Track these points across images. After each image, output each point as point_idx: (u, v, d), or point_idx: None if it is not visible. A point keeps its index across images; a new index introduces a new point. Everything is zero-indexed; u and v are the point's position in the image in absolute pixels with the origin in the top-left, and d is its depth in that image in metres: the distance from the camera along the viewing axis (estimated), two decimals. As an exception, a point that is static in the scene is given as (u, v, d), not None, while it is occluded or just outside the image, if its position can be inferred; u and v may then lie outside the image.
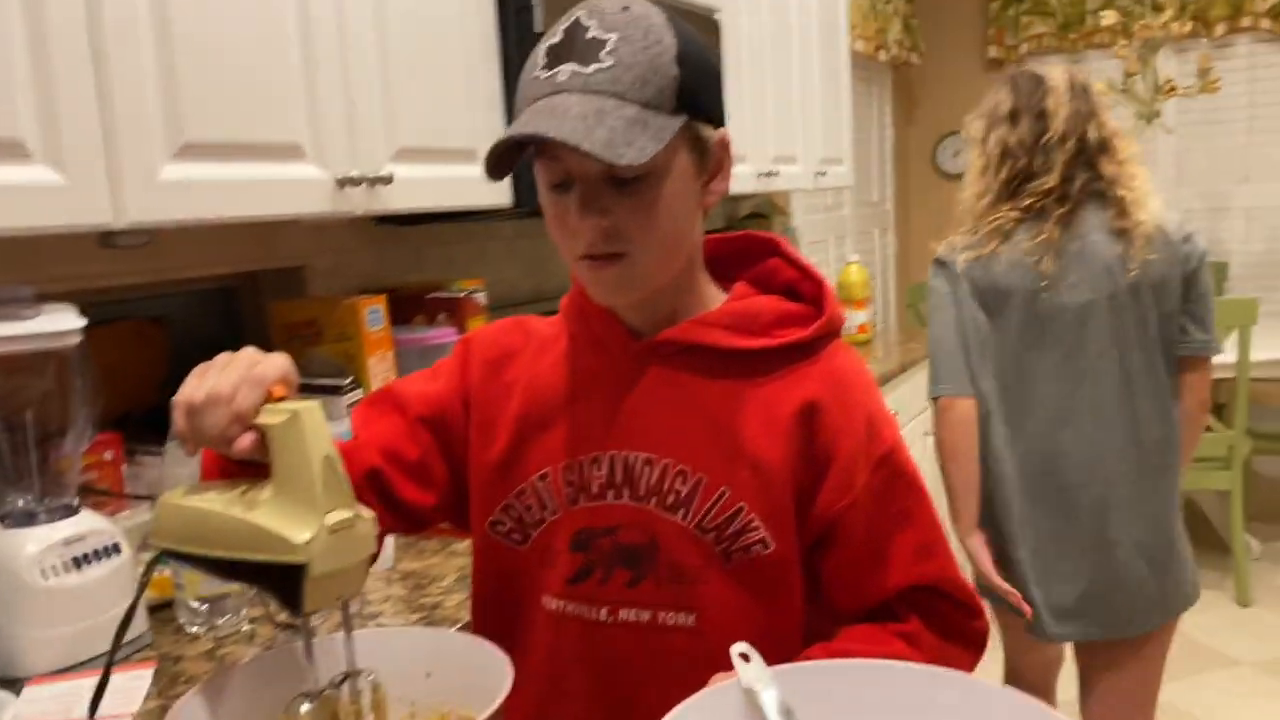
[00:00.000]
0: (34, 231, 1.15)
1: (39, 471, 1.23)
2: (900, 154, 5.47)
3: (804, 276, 1.02)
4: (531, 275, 2.62)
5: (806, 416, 0.95)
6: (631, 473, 0.96)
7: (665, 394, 0.97)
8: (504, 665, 0.79)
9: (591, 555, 0.97)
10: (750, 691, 0.70)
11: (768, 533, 0.93)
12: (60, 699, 1.11)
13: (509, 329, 1.09)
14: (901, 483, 0.98)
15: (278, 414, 0.77)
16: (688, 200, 0.93)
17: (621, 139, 0.84)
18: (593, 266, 0.93)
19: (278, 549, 0.73)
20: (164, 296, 1.83)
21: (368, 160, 1.59)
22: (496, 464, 1.02)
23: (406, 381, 1.09)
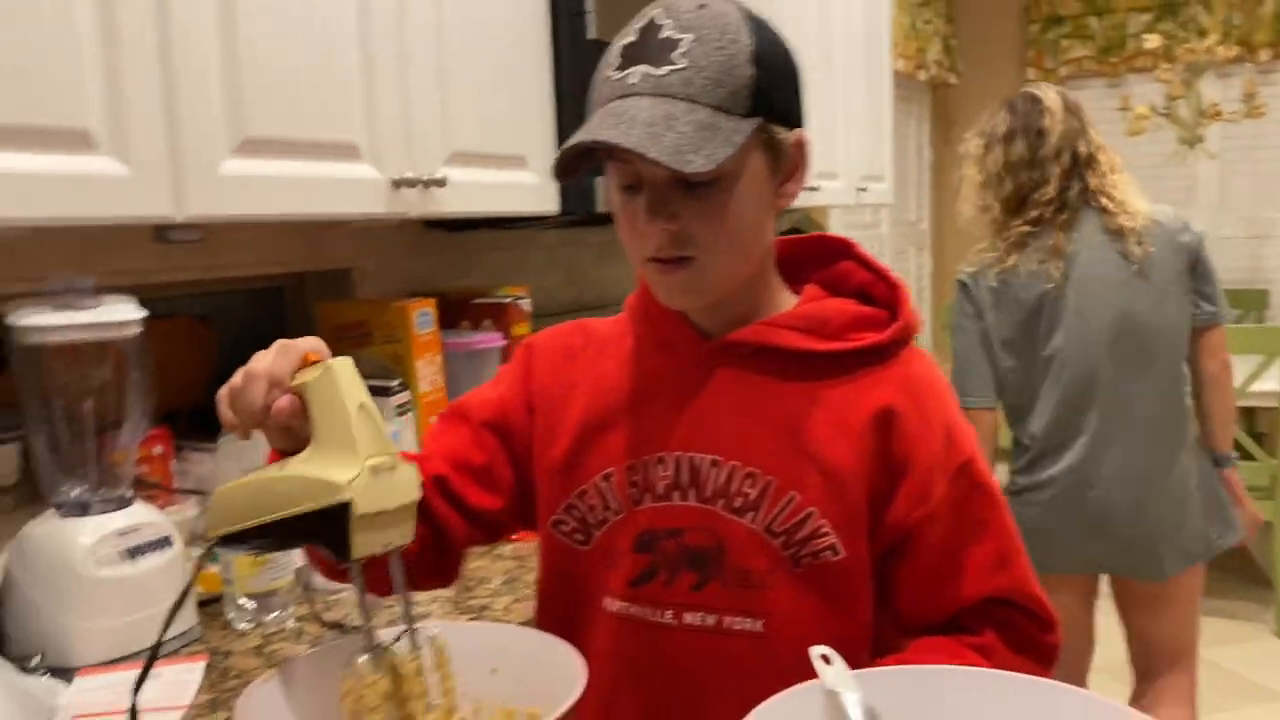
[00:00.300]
0: (99, 221, 1.16)
1: (95, 462, 1.23)
2: (937, 174, 5.44)
3: (878, 279, 1.00)
4: (573, 284, 2.62)
5: (882, 422, 0.93)
6: (698, 474, 0.95)
7: (734, 395, 0.96)
8: (577, 664, 0.78)
9: (656, 557, 0.96)
10: (833, 694, 0.68)
11: (838, 539, 0.91)
12: (111, 689, 1.11)
13: (571, 331, 1.09)
14: (979, 493, 0.96)
15: (311, 371, 0.80)
16: (759, 203, 0.92)
17: (690, 145, 0.83)
18: (660, 270, 0.92)
19: (320, 493, 0.74)
20: (213, 295, 1.84)
21: (423, 162, 1.59)
22: (559, 464, 1.01)
23: (472, 394, 1.09)
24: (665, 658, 0.95)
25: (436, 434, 1.06)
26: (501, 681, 0.85)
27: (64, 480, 1.23)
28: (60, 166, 1.11)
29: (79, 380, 1.21)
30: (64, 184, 1.11)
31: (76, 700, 1.08)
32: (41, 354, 1.18)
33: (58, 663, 1.15)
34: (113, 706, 1.07)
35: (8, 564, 1.18)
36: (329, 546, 0.76)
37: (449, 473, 1.01)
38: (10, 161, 1.07)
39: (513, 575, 1.46)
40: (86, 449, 1.22)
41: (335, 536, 0.74)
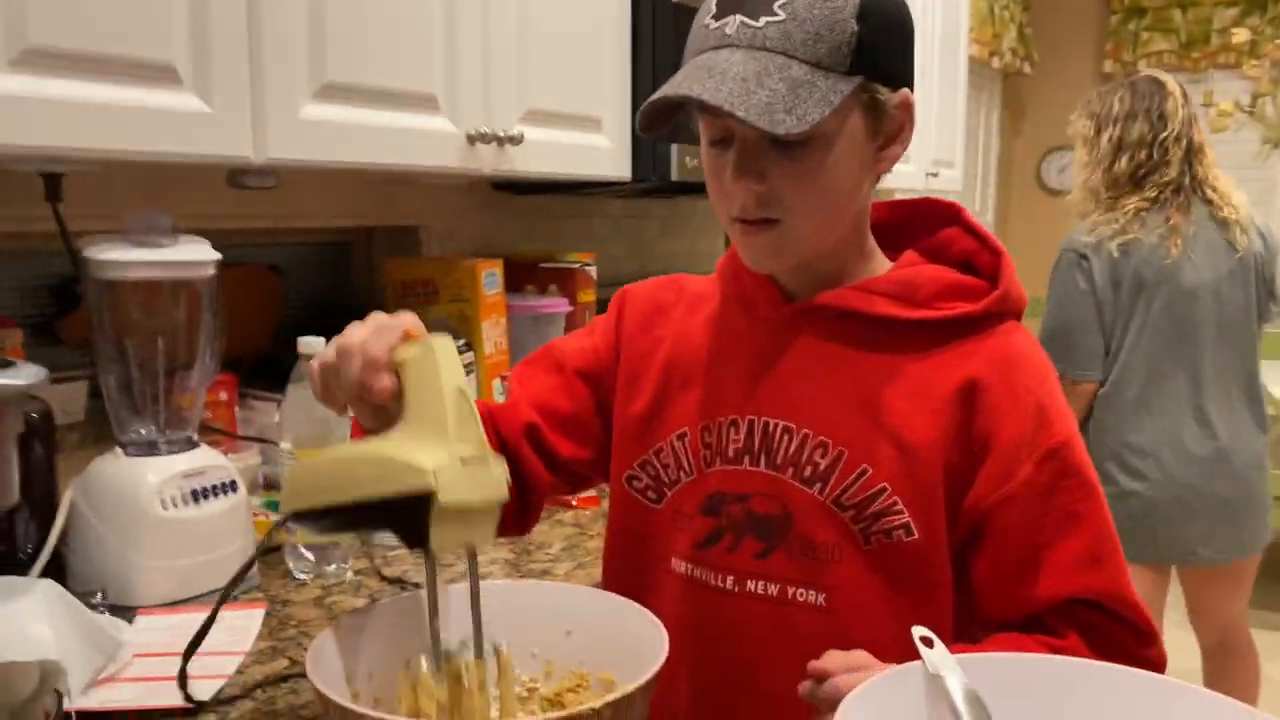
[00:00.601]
0: (179, 158, 1.14)
1: (163, 403, 1.22)
2: (1004, 166, 5.32)
3: (982, 247, 0.95)
4: (635, 256, 2.59)
5: (966, 397, 0.87)
6: (770, 440, 0.92)
7: (813, 361, 0.92)
8: (657, 631, 0.75)
9: (721, 521, 0.93)
10: (935, 677, 0.65)
11: (912, 519, 0.87)
12: (173, 630, 1.10)
13: (664, 285, 1.06)
14: (1072, 481, 0.88)
15: (411, 348, 0.76)
16: (856, 166, 0.87)
17: (782, 104, 0.79)
18: (745, 231, 0.89)
19: (404, 478, 0.70)
20: (281, 246, 1.84)
21: (499, 118, 1.56)
22: (638, 419, 0.99)
23: (564, 340, 1.07)
24: (725, 624, 0.92)
25: (525, 379, 1.04)
26: (575, 643, 0.82)
27: (132, 420, 1.22)
28: (144, 99, 1.10)
29: (152, 319, 1.19)
30: (147, 118, 1.10)
31: (139, 640, 1.07)
32: (117, 290, 1.17)
33: (119, 600, 1.15)
34: (172, 648, 1.06)
35: (74, 499, 1.17)
36: (405, 535, 0.73)
37: (540, 421, 0.99)
38: (95, 91, 1.05)
39: (573, 541, 1.44)
40: (156, 389, 1.21)
41: (413, 526, 0.71)
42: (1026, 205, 5.36)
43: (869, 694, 0.63)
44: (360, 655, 0.78)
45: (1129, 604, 0.88)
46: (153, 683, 0.98)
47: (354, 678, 0.76)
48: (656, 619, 0.77)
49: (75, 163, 1.23)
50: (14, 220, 1.36)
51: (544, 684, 0.84)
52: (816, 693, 0.75)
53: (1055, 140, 5.24)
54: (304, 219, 1.73)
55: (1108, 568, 0.88)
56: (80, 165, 1.29)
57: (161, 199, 1.51)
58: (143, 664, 1.02)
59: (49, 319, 1.48)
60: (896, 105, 0.87)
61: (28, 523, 1.18)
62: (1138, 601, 0.89)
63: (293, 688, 0.99)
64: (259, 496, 1.47)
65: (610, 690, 0.81)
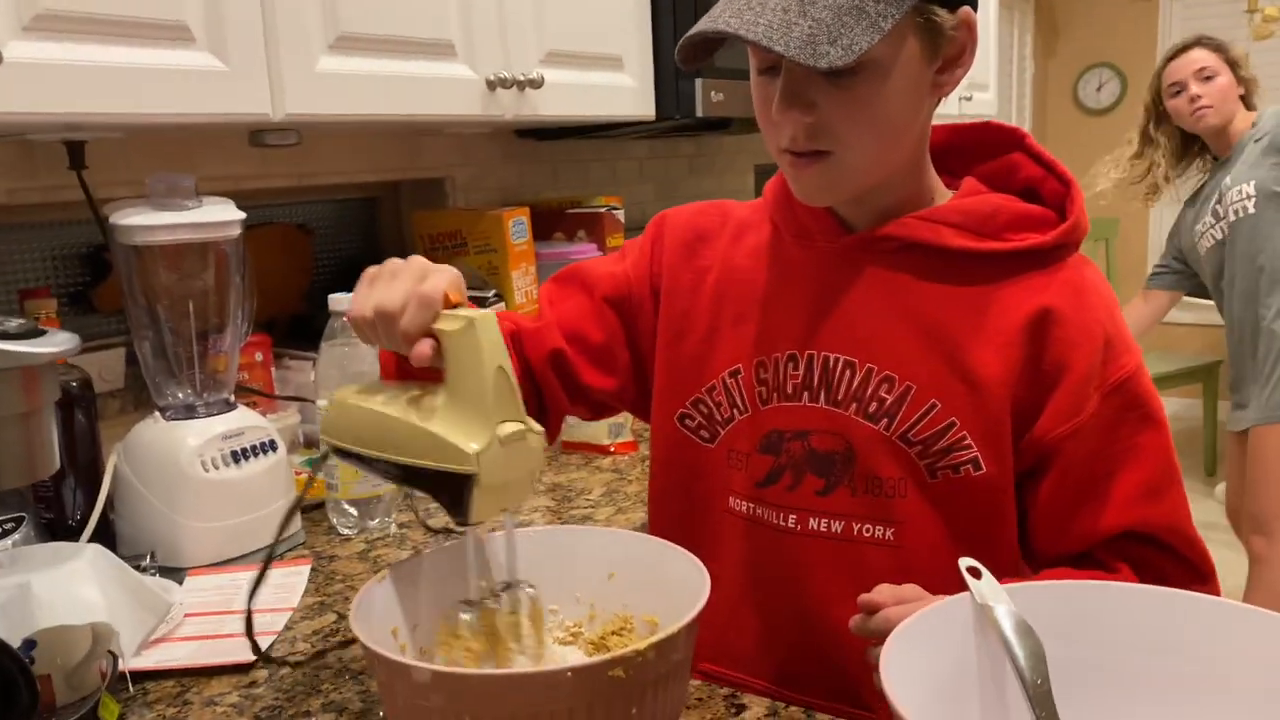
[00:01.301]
0: (197, 118, 1.13)
1: (199, 366, 1.22)
2: (1039, 87, 5.18)
3: (1049, 175, 0.91)
4: (662, 198, 2.55)
5: (1036, 329, 0.84)
6: (831, 375, 0.89)
7: (875, 294, 0.89)
8: (699, 572, 0.74)
9: (781, 459, 0.91)
10: (984, 607, 0.63)
11: (981, 453, 0.85)
12: (221, 590, 1.11)
13: (705, 210, 1.02)
14: (1136, 414, 0.86)
15: (453, 320, 0.74)
16: (912, 92, 0.83)
17: (826, 34, 0.75)
18: (794, 163, 0.85)
19: (449, 457, 0.72)
20: (308, 204, 1.83)
21: (518, 62, 1.54)
22: (688, 356, 0.97)
23: (595, 262, 1.04)
24: (789, 563, 0.91)
25: (554, 298, 1.02)
26: (618, 586, 0.82)
27: (169, 384, 1.22)
28: (159, 60, 1.09)
29: (181, 282, 1.19)
30: (162, 79, 1.08)
31: (189, 600, 1.08)
32: (144, 255, 1.17)
33: (168, 563, 1.16)
34: (222, 607, 1.07)
35: (118, 465, 1.19)
36: (446, 505, 0.75)
37: (566, 348, 0.97)
38: (111, 54, 1.04)
39: (613, 487, 1.43)
40: (190, 353, 1.21)
41: (455, 498, 0.73)
42: (1063, 126, 5.22)
43: (917, 625, 0.61)
44: (405, 607, 0.78)
45: (1186, 538, 0.86)
46: (205, 641, 1.00)
47: (399, 630, 0.77)
48: (699, 563, 0.76)
49: (96, 129, 1.23)
50: (42, 190, 1.36)
51: (588, 627, 0.84)
52: (867, 625, 0.74)
53: (1091, 58, 5.09)
54: (328, 175, 1.72)
55: (1165, 500, 0.86)
56: (101, 131, 1.28)
57: (185, 162, 1.51)
58: (194, 623, 1.04)
59: (84, 288, 1.49)
60: (955, 25, 0.83)
61: (75, 490, 1.20)
62: (1195, 537, 0.87)
63: (341, 641, 1.00)
64: (298, 455, 1.48)
65: (654, 632, 0.80)
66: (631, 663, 0.63)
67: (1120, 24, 5.00)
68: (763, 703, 0.84)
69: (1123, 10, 4.98)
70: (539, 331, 0.98)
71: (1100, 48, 5.07)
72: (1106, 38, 5.04)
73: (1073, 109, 5.20)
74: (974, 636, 0.64)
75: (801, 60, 0.74)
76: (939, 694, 0.62)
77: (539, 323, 0.99)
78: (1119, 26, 5.00)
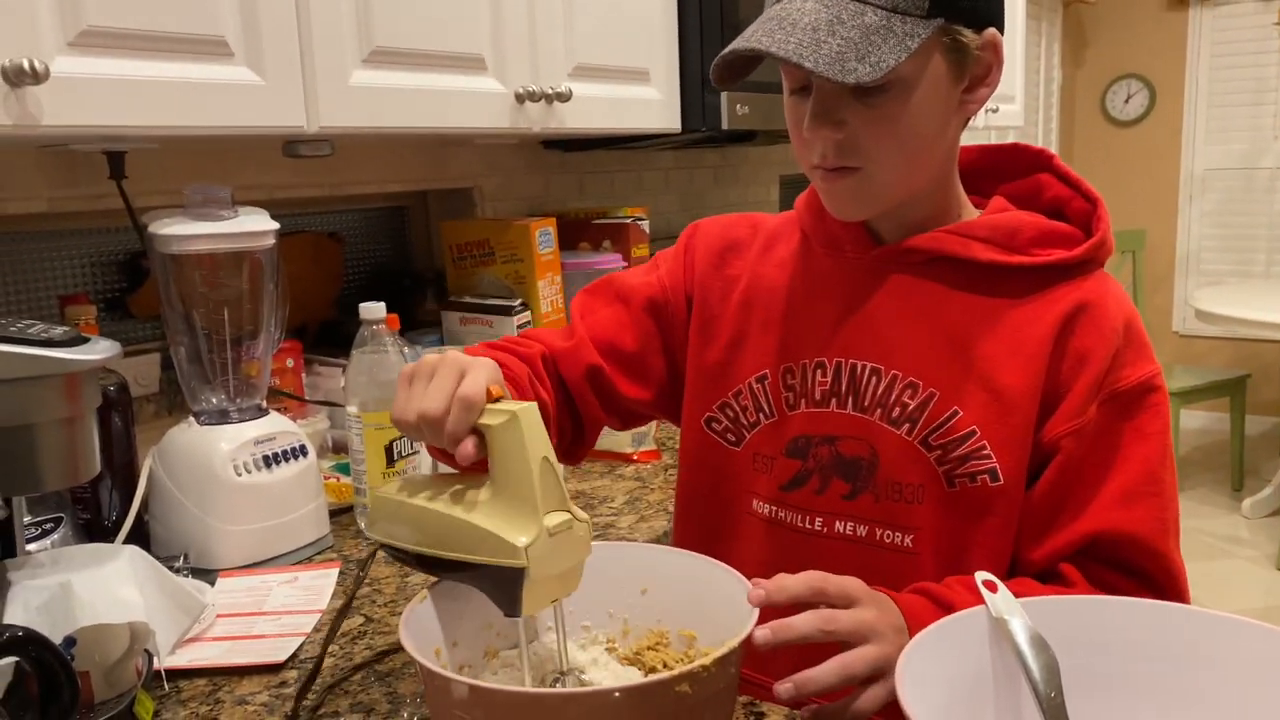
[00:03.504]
0: (234, 131, 1.16)
1: (232, 372, 1.25)
2: (1066, 98, 5.17)
3: (1076, 194, 0.93)
4: (687, 208, 2.57)
5: (1059, 340, 0.86)
6: (857, 382, 0.91)
7: (902, 304, 0.91)
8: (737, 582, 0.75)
9: (808, 463, 0.93)
10: (1000, 620, 0.65)
11: (999, 464, 0.86)
12: (252, 591, 1.14)
13: (736, 222, 1.05)
14: (1132, 424, 0.86)
15: (496, 415, 0.74)
16: (939, 111, 0.85)
17: (855, 52, 0.77)
18: (826, 178, 0.88)
19: (497, 552, 0.71)
20: (339, 213, 1.86)
21: (546, 75, 1.56)
22: (715, 361, 0.99)
23: (627, 274, 1.06)
24: (809, 565, 0.92)
25: (586, 310, 1.03)
26: (651, 601, 0.83)
27: (203, 389, 1.25)
28: (199, 74, 1.11)
29: (216, 290, 1.22)
30: (201, 92, 1.11)
31: (221, 601, 1.11)
32: (181, 263, 1.20)
33: (200, 564, 1.19)
34: (253, 608, 1.10)
35: (153, 468, 1.21)
36: (495, 599, 0.74)
37: (602, 363, 0.98)
38: (152, 69, 1.07)
39: (635, 495, 1.45)
40: (224, 359, 1.24)
41: (506, 593, 0.72)
42: (1090, 138, 5.20)
43: (933, 638, 0.63)
44: (448, 622, 0.79)
45: (1150, 551, 0.85)
46: (237, 641, 1.02)
47: (441, 647, 0.78)
48: (736, 572, 0.77)
49: (136, 140, 1.26)
50: (82, 199, 1.40)
51: (622, 643, 0.85)
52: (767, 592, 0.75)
53: (1120, 69, 5.07)
54: (359, 185, 1.75)
55: (1138, 509, 0.85)
56: (141, 142, 1.31)
57: (220, 171, 1.54)
58: (226, 624, 1.06)
59: (120, 294, 1.53)
60: (981, 46, 0.85)
61: (111, 492, 1.23)
62: (1165, 551, 0.85)
63: (368, 644, 1.02)
64: (328, 459, 1.50)
65: (691, 646, 0.82)
66: (697, 678, 0.64)
67: (1150, 34, 4.98)
68: (780, 711, 0.85)
69: (1153, 21, 4.96)
70: (574, 350, 0.99)
71: (1129, 58, 5.05)
72: (1136, 48, 5.02)
73: (1100, 120, 5.18)
74: (989, 649, 0.66)
75: (830, 76, 0.77)
76: (954, 705, 0.63)
77: (572, 340, 1.00)
78: (1148, 37, 4.98)
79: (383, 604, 1.12)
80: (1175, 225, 5.05)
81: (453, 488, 0.76)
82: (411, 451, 1.31)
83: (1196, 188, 4.97)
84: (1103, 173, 5.14)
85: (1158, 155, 5.04)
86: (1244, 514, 4.07)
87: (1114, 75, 5.10)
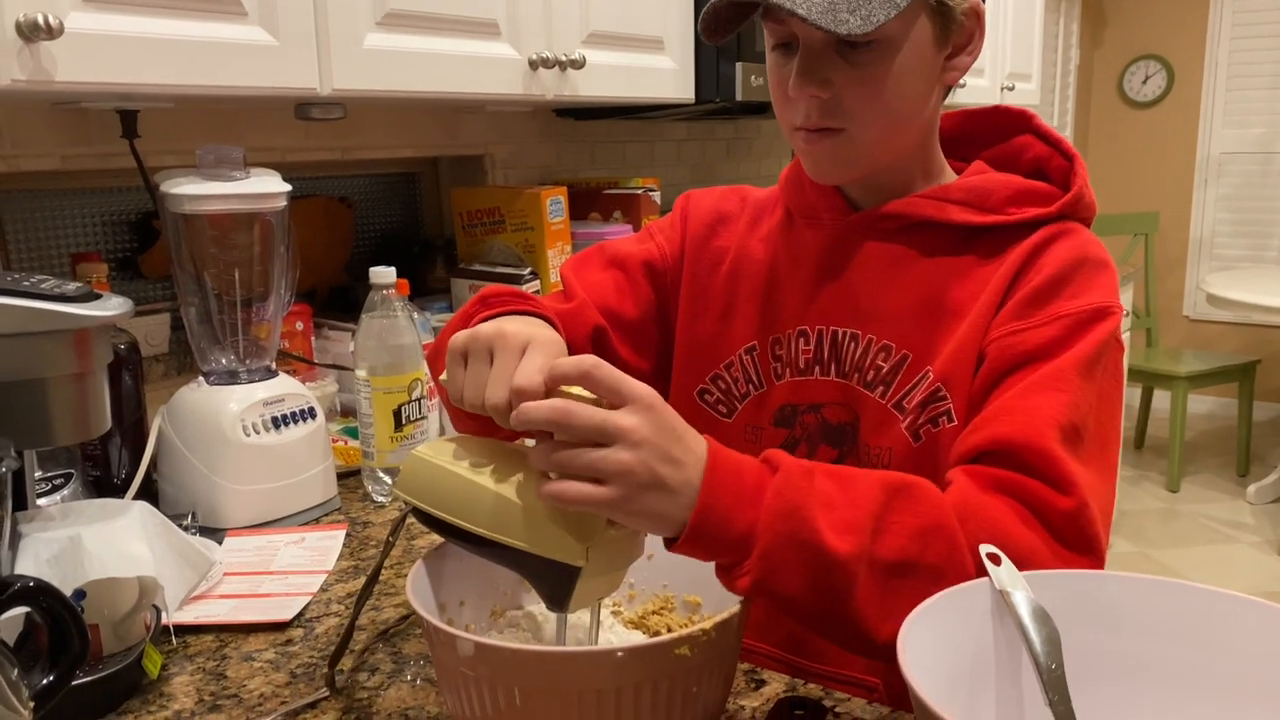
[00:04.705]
0: (246, 91, 1.16)
1: (242, 333, 1.26)
2: (1084, 78, 5.12)
3: (1055, 153, 0.93)
4: (699, 180, 2.56)
5: (1017, 275, 0.85)
6: (838, 348, 0.92)
7: (878, 268, 0.91)
8: None
9: (796, 431, 0.94)
10: (1003, 593, 0.65)
11: (954, 404, 0.85)
12: (259, 551, 1.15)
13: (727, 195, 1.06)
14: (1058, 343, 0.80)
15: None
16: (923, 75, 0.85)
17: (846, 4, 0.78)
18: (808, 140, 0.87)
19: (556, 549, 0.67)
20: (350, 178, 1.86)
21: (560, 41, 1.55)
22: (707, 333, 0.99)
23: (620, 241, 1.05)
24: None
25: (582, 275, 1.00)
26: (657, 567, 0.84)
27: (213, 350, 1.26)
28: (212, 33, 1.11)
29: (227, 251, 1.22)
30: (214, 52, 1.11)
31: (228, 559, 1.12)
32: (192, 223, 1.20)
33: (208, 523, 1.20)
34: (260, 568, 1.11)
35: (161, 427, 1.22)
36: (541, 590, 0.71)
37: (606, 325, 0.97)
38: (166, 27, 1.07)
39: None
40: (234, 320, 1.25)
41: (556, 588, 0.69)
42: (1108, 119, 5.16)
43: (934, 610, 0.63)
44: (455, 581, 0.80)
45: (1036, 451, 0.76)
46: (242, 600, 1.03)
47: (447, 605, 0.79)
48: None
49: (148, 98, 1.26)
50: (95, 157, 1.40)
51: (627, 607, 0.86)
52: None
53: (1138, 49, 5.02)
54: (369, 150, 1.75)
55: (1017, 418, 0.78)
56: (153, 101, 1.31)
57: (232, 133, 1.54)
58: (233, 582, 1.07)
59: (131, 254, 1.53)
60: (965, 12, 0.86)
61: (120, 450, 1.23)
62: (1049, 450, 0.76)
63: (374, 604, 1.03)
64: (335, 423, 1.51)
65: (695, 612, 0.82)
66: (698, 641, 0.64)
67: (1170, 15, 4.93)
68: (781, 678, 0.86)
69: (1173, 1, 4.90)
70: (577, 312, 0.96)
71: (1148, 39, 5.00)
72: (1155, 29, 4.97)
73: (1117, 101, 5.13)
74: (992, 621, 0.66)
75: (824, 25, 0.77)
76: (955, 675, 0.64)
77: (572, 303, 0.97)
78: (1168, 17, 4.93)
79: (389, 566, 1.13)
80: (1189, 208, 5.02)
81: (503, 463, 0.70)
82: (420, 416, 1.32)
83: (1212, 171, 4.93)
84: (1118, 154, 5.10)
85: (1174, 137, 5.00)
86: (1249, 499, 4.07)
87: (1133, 55, 5.05)
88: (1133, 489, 4.22)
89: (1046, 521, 0.74)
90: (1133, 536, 3.74)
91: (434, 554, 0.78)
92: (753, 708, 0.81)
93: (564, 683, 0.63)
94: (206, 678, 0.89)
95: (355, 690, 0.86)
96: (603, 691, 0.63)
